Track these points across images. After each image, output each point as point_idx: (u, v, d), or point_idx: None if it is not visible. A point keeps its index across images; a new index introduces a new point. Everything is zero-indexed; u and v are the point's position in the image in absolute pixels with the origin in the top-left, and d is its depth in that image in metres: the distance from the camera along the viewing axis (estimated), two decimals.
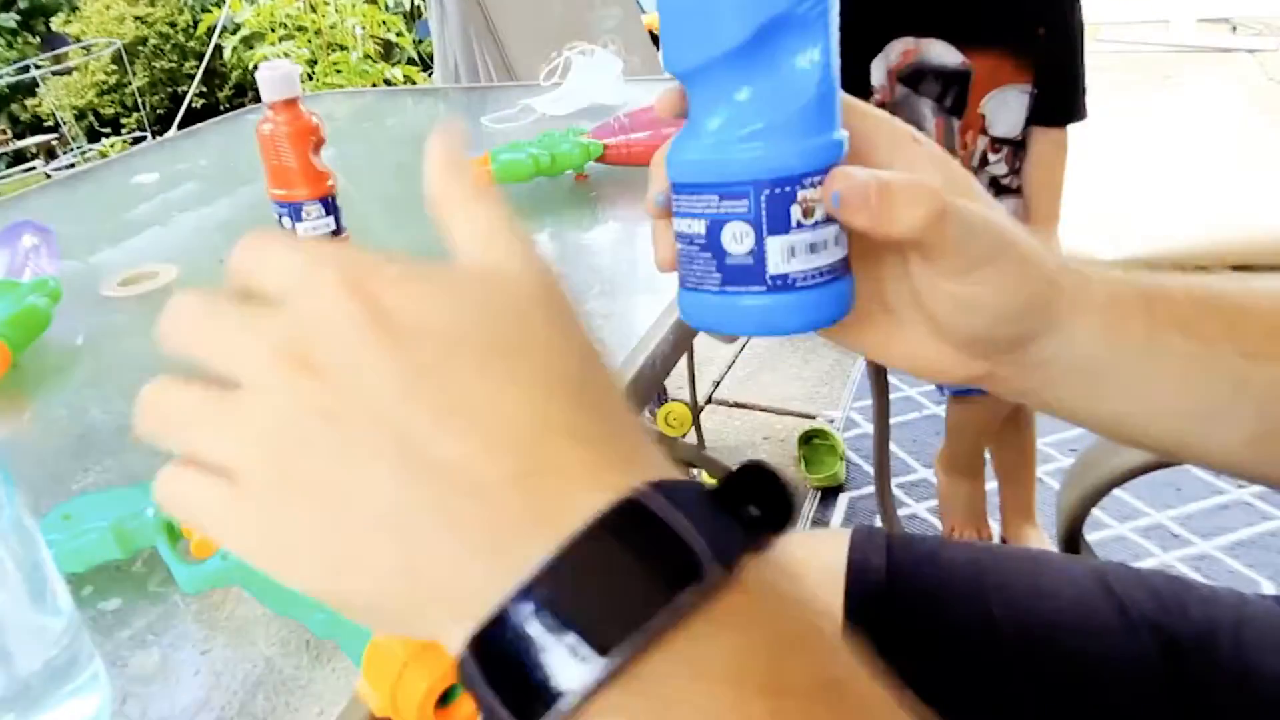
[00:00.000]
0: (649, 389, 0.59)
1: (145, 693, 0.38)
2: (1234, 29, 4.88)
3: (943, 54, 1.15)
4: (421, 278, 0.24)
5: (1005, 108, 1.21)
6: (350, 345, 0.23)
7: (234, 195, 1.09)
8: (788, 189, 0.31)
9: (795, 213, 0.31)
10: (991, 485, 1.54)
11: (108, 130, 5.42)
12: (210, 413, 0.24)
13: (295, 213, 0.81)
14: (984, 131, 1.22)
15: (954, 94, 1.20)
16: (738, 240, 0.31)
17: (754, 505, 0.23)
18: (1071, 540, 0.77)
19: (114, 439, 0.58)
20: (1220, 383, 0.34)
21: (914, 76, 1.17)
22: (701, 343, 1.88)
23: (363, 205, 0.95)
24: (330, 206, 0.82)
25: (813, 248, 0.32)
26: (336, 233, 0.83)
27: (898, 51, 1.16)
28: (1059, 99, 1.23)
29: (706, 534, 0.21)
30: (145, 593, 0.44)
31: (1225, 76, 4.21)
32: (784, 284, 0.32)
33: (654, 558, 0.21)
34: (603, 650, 0.20)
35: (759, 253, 0.31)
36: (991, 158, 1.24)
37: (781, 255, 0.31)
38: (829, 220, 0.32)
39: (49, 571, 0.36)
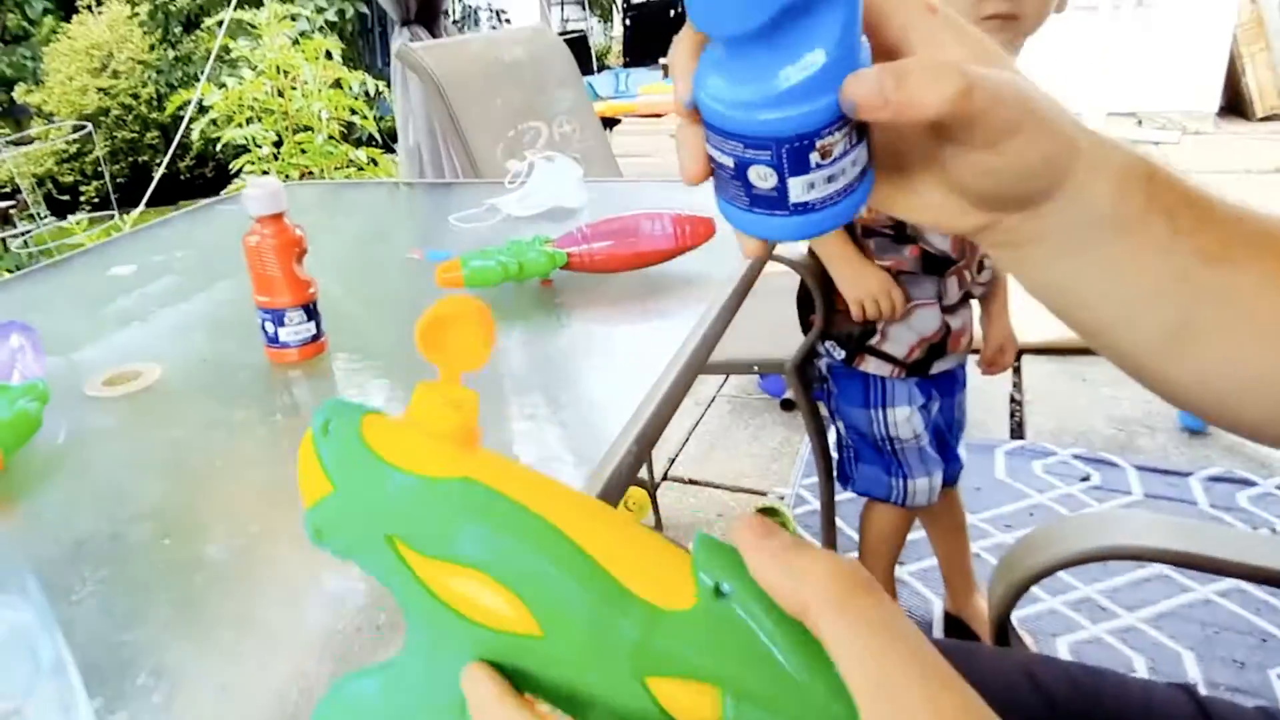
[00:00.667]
0: (615, 496, 0.65)
1: None
2: (1139, 122, 5.25)
3: None
4: None
5: None
6: None
7: (212, 290, 1.13)
8: (806, 142, 0.33)
9: (814, 158, 0.34)
10: (932, 561, 1.61)
11: (66, 197, 5.40)
12: None
13: (278, 319, 0.86)
14: None
15: None
16: (763, 178, 0.35)
17: None
18: (1001, 630, 0.84)
19: (109, 546, 0.60)
20: (1166, 272, 0.35)
21: None
22: None
23: (338, 304, 1.00)
24: (311, 312, 0.88)
25: (830, 179, 0.34)
26: (316, 336, 0.88)
27: None
28: None
29: None
30: (149, 705, 0.47)
31: None
32: (805, 208, 0.35)
33: None
34: None
35: (782, 189, 0.35)
36: (987, 261, 1.31)
37: (802, 189, 0.35)
38: (846, 151, 0.34)
39: (76, 684, 0.40)
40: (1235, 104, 5.35)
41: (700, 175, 0.37)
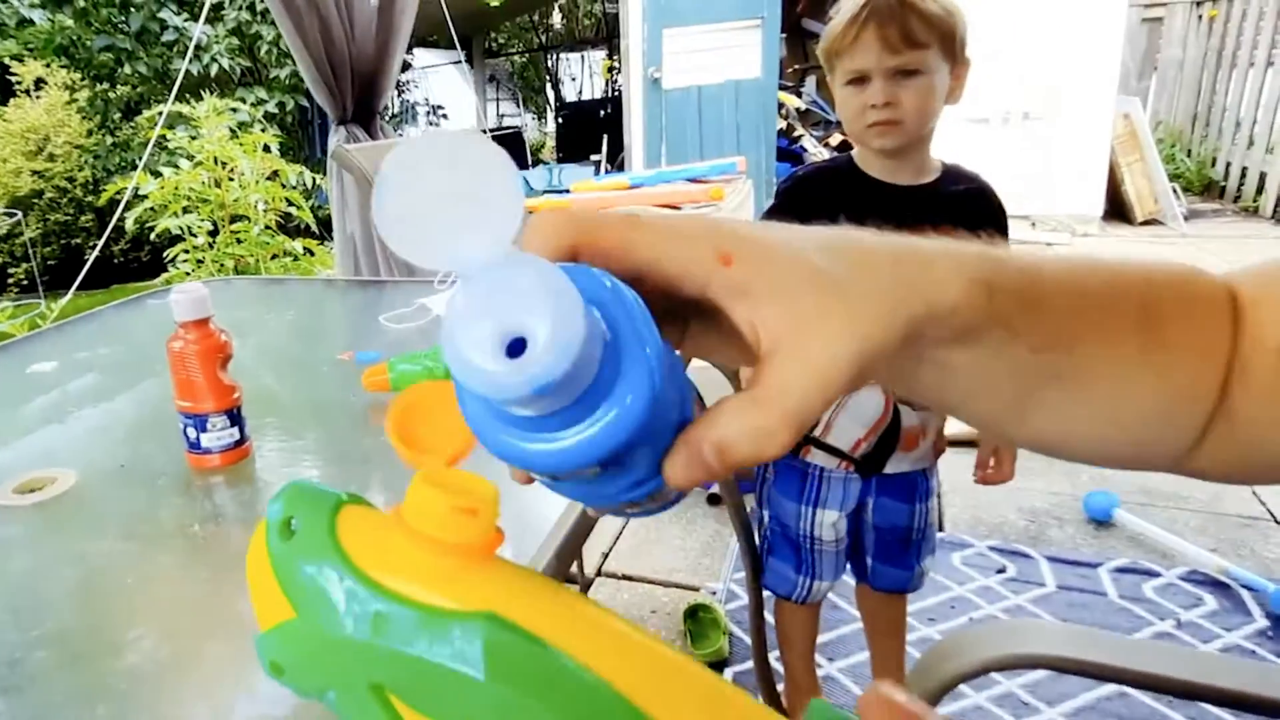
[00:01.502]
0: None
1: None
2: (1034, 225, 5.63)
3: None
4: None
5: None
6: None
7: (135, 390, 1.13)
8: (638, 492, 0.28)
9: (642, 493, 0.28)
10: (862, 656, 1.63)
11: None
12: None
13: (200, 424, 0.87)
14: None
15: None
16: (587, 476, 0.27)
17: None
18: None
19: (7, 674, 0.58)
20: (1001, 368, 0.34)
21: None
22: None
23: (267, 404, 1.00)
24: (235, 418, 0.88)
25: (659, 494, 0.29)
26: (240, 442, 0.89)
27: None
28: None
29: None
30: None
31: None
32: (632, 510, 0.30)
33: None
34: None
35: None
36: None
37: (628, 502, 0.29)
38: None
39: None
40: (1118, 209, 5.83)
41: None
